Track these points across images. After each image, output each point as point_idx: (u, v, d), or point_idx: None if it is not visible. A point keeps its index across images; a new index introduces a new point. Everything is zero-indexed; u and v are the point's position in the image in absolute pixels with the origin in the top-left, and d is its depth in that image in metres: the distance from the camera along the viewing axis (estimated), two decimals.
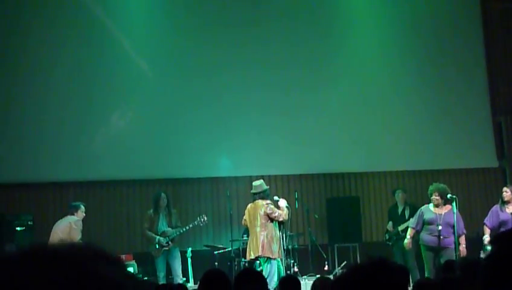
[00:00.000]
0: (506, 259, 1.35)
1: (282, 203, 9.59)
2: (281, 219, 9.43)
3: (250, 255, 9.44)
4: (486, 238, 9.40)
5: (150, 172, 11.73)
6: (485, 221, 9.72)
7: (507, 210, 9.55)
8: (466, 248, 9.31)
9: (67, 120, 11.72)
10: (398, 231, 9.77)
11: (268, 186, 9.77)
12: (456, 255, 9.00)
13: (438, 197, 9.44)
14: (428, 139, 12.22)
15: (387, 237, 11.21)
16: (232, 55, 11.97)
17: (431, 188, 9.62)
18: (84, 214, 9.86)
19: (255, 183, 9.78)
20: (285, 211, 9.50)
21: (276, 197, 9.83)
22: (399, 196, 11.33)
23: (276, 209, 9.46)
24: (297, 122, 11.95)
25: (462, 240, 9.37)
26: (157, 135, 11.80)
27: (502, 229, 8.99)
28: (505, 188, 9.87)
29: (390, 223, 11.24)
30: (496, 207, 9.75)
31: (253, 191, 9.70)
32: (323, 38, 12.28)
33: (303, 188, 11.97)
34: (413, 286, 4.88)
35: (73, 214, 9.75)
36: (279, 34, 12.23)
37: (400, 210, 11.18)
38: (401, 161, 12.23)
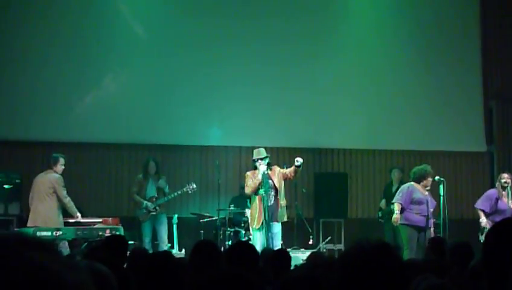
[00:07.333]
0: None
1: (260, 169, 8.93)
2: (245, 192, 9.11)
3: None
4: (483, 221, 9.31)
5: (140, 136, 11.70)
6: (480, 206, 9.51)
7: (504, 199, 9.37)
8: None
9: (59, 80, 11.59)
10: (391, 209, 9.76)
11: (256, 157, 9.09)
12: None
13: (431, 180, 9.28)
14: (419, 120, 12.27)
15: (379, 215, 11.27)
16: (228, 27, 11.91)
17: (427, 169, 9.29)
18: (64, 167, 9.55)
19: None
20: (252, 182, 8.87)
21: (257, 164, 9.19)
22: (395, 174, 11.37)
23: (248, 182, 8.96)
24: (290, 96, 11.93)
25: (431, 222, 9.33)
26: (149, 100, 11.73)
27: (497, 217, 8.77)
28: (506, 175, 9.54)
29: (384, 201, 11.29)
30: (494, 192, 9.53)
31: None
32: (320, 13, 12.26)
33: (292, 161, 11.94)
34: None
35: (52, 168, 9.47)
36: (275, 8, 12.21)
37: (394, 189, 11.04)
38: (390, 140, 12.27)
